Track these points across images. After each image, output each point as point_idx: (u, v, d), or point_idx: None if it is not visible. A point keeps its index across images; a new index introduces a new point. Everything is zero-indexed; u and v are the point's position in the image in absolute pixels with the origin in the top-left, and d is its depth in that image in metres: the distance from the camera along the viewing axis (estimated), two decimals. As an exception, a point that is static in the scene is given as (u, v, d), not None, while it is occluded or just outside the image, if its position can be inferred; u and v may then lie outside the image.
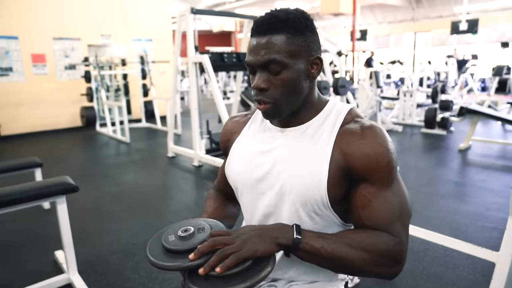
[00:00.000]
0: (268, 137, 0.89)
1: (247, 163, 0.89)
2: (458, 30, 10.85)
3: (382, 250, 0.74)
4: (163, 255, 0.74)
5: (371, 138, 0.77)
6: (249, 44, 0.80)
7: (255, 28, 0.79)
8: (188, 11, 4.13)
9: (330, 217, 0.83)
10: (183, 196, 3.52)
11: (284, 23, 0.77)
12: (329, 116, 0.85)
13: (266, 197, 0.86)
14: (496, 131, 6.30)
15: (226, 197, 1.06)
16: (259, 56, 0.77)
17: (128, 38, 7.79)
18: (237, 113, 1.05)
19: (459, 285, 2.00)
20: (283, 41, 0.76)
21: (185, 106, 9.93)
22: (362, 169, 0.77)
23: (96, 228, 2.80)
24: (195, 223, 0.81)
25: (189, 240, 0.75)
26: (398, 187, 0.80)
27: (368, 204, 0.77)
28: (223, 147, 1.02)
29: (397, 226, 0.77)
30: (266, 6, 14.44)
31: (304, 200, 0.80)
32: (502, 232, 2.58)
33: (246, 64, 0.80)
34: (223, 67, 4.68)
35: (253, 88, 0.80)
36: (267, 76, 0.78)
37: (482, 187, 3.53)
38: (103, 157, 5.19)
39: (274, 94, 0.79)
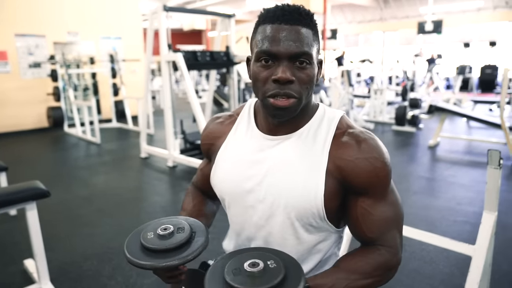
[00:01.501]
0: (257, 145, 0.83)
1: (235, 173, 0.84)
2: (424, 30, 11.26)
3: (384, 269, 0.78)
4: (140, 252, 0.72)
5: (368, 153, 0.76)
6: (270, 30, 0.72)
7: (281, 15, 0.72)
8: (161, 9, 4.03)
9: (326, 227, 0.82)
10: (158, 198, 3.44)
11: (310, 19, 0.74)
12: (321, 124, 0.81)
13: (256, 210, 0.82)
14: (461, 127, 6.56)
15: (204, 194, 1.03)
16: (291, 46, 0.70)
17: (96, 36, 7.53)
18: (220, 113, 0.98)
19: (436, 278, 2.05)
20: (311, 36, 0.73)
21: (157, 105, 9.73)
22: (361, 185, 0.76)
23: (67, 233, 2.68)
24: (176, 221, 0.78)
25: (168, 239, 0.73)
26: (393, 196, 0.81)
27: (368, 216, 0.78)
28: (204, 150, 0.96)
29: (394, 233, 0.80)
30: (236, 5, 14.38)
31: (299, 214, 0.78)
32: (474, 226, 2.70)
33: (266, 52, 0.71)
34: (196, 66, 4.61)
35: (277, 79, 0.71)
36: (293, 69, 0.72)
37: (452, 182, 3.66)
38: (72, 158, 4.99)
39: (298, 88, 0.73)
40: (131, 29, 8.04)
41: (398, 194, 0.82)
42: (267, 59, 0.72)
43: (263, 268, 0.66)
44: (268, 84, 0.73)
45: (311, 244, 0.84)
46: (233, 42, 4.75)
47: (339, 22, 16.73)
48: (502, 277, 2.06)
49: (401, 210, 0.82)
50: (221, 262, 0.71)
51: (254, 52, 0.75)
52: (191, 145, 4.71)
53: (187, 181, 3.86)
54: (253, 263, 0.67)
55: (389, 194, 0.80)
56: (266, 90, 0.73)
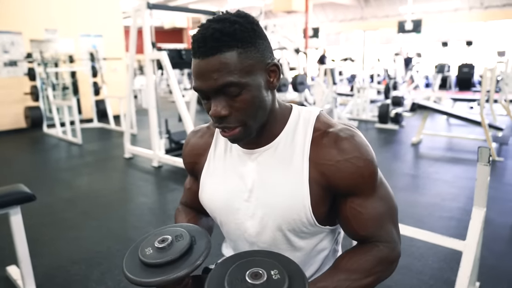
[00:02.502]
0: (238, 160, 0.81)
1: (223, 192, 0.83)
2: (404, 29, 11.47)
3: (385, 264, 0.77)
4: (141, 270, 0.68)
5: (349, 154, 0.73)
6: (193, 66, 0.68)
7: (198, 48, 0.66)
8: (144, 6, 3.96)
9: (319, 230, 0.81)
10: (145, 199, 3.38)
11: (232, 37, 0.65)
12: (297, 128, 0.78)
13: (247, 226, 0.81)
14: (442, 125, 6.71)
15: (197, 211, 0.99)
16: (211, 80, 0.66)
17: (76, 33, 7.34)
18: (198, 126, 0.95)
19: (426, 273, 2.09)
20: (235, 58, 0.66)
21: (138, 104, 9.57)
22: (347, 187, 0.75)
23: (52, 237, 2.60)
24: (172, 230, 0.75)
25: (168, 251, 0.69)
26: (383, 190, 0.79)
27: (358, 215, 0.76)
28: (189, 168, 0.94)
29: (388, 227, 0.79)
30: (218, 3, 14.30)
31: (291, 226, 0.77)
32: (459, 221, 2.76)
33: (196, 90, 0.69)
34: (181, 64, 4.55)
35: (211, 116, 0.70)
36: (225, 101, 0.68)
37: (436, 179, 3.74)
38: (53, 160, 4.85)
39: (239, 117, 0.70)
40: (112, 26, 7.88)
41: (388, 187, 0.81)
42: (201, 96, 0.70)
43: (266, 280, 0.63)
44: (212, 116, 0.71)
45: (309, 249, 0.83)
46: (218, 41, 4.70)
47: (320, 21, 16.86)
48: (489, 271, 2.11)
49: (394, 202, 0.81)
50: (219, 271, 0.67)
51: None
52: (176, 145, 4.65)
53: (173, 182, 3.81)
54: (256, 274, 0.63)
55: (378, 189, 0.78)
56: (215, 123, 0.72)
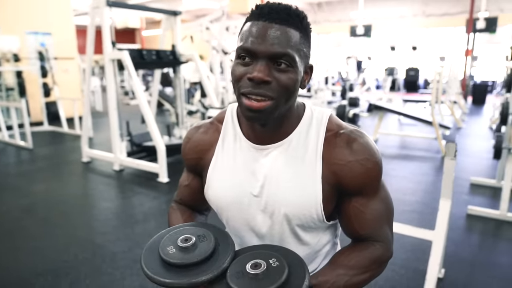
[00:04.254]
0: (249, 156, 0.81)
1: (232, 187, 0.82)
2: (356, 33, 11.97)
3: (379, 262, 0.81)
4: (164, 270, 0.66)
5: (360, 155, 0.76)
6: (251, 26, 0.68)
7: (268, 13, 0.68)
8: (103, 3, 3.80)
9: (323, 225, 0.84)
10: (109, 204, 3.24)
11: (300, 21, 0.69)
12: (310, 128, 0.79)
13: (257, 221, 0.81)
14: (394, 124, 7.09)
15: (193, 209, 0.98)
16: (272, 45, 0.66)
17: (20, 30, 6.86)
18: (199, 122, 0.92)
19: (397, 264, 2.20)
20: (297, 38, 0.68)
21: (92, 107, 9.13)
22: (355, 187, 0.78)
23: (8, 248, 2.41)
24: (193, 229, 0.73)
25: (194, 251, 0.68)
26: (384, 192, 0.82)
27: (360, 215, 0.79)
28: (190, 164, 0.91)
29: (385, 228, 0.82)
30: (172, 4, 14.01)
31: (300, 220, 0.79)
32: (420, 213, 2.94)
33: (246, 50, 0.68)
34: (142, 65, 4.44)
35: (252, 78, 0.67)
36: (270, 69, 0.67)
37: (395, 175, 3.95)
38: (1, 165, 4.50)
39: (276, 90, 0.68)
40: (63, 24, 7.46)
41: (387, 189, 0.84)
42: (244, 57, 0.69)
43: (266, 268, 0.64)
44: (243, 81, 0.69)
45: (313, 243, 0.85)
46: (179, 41, 4.64)
47: (275, 24, 17.12)
48: (450, 257, 2.27)
49: (391, 204, 0.84)
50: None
51: (236, 49, 0.72)
52: (139, 147, 4.51)
53: (137, 185, 3.69)
54: (255, 264, 0.65)
55: (381, 191, 0.81)
56: (240, 88, 0.69)
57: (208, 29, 5.62)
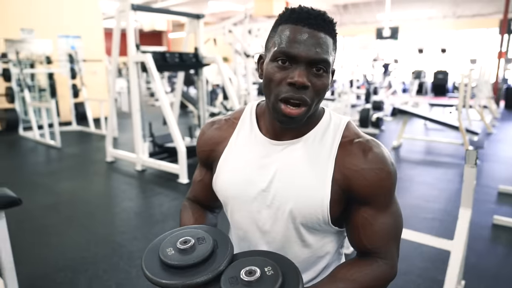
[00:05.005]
0: (262, 149, 0.81)
1: (240, 178, 0.82)
2: (382, 36, 11.76)
3: (381, 281, 0.78)
4: (162, 271, 0.67)
5: (374, 164, 0.75)
6: (288, 31, 0.70)
7: (306, 18, 0.70)
8: (129, 7, 3.91)
9: (329, 229, 0.82)
10: (131, 203, 3.32)
11: (332, 28, 0.72)
12: (327, 130, 0.80)
13: (262, 215, 0.81)
14: (420, 129, 6.91)
15: (204, 207, 0.99)
16: (312, 50, 0.68)
17: (53, 34, 7.15)
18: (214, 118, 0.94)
19: (413, 273, 2.14)
20: (332, 45, 0.71)
21: (118, 108, 9.40)
22: (364, 195, 0.76)
23: (34, 244, 2.52)
24: (193, 232, 0.74)
25: (192, 253, 0.69)
26: (395, 207, 0.81)
27: (368, 226, 0.78)
28: (203, 157, 0.92)
29: (392, 246, 0.79)
30: (198, 6, 14.25)
31: (305, 219, 0.78)
32: (442, 222, 2.85)
33: (286, 54, 0.69)
34: (165, 67, 4.52)
35: (293, 83, 0.69)
36: (308, 75, 0.70)
37: (418, 181, 3.84)
38: (31, 164, 4.70)
39: (313, 95, 0.71)
40: (92, 28, 7.72)
41: (399, 206, 0.82)
42: (284, 60, 0.70)
43: (260, 276, 0.64)
44: (282, 86, 0.70)
45: (317, 246, 0.84)
46: (202, 44, 4.70)
47: (300, 26, 17.05)
48: (472, 269, 2.18)
49: (401, 222, 0.82)
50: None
51: (272, 51, 0.72)
52: (160, 148, 4.60)
53: (158, 185, 3.76)
54: (250, 271, 0.65)
55: (392, 206, 0.79)
56: (279, 93, 0.70)
57: (231, 31, 5.66)
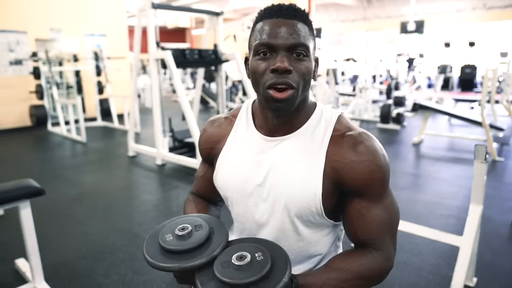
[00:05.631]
0: (258, 146, 0.85)
1: (238, 174, 0.86)
2: (407, 30, 11.46)
3: (376, 272, 0.80)
4: (161, 255, 0.72)
5: (364, 156, 0.77)
6: (266, 24, 0.76)
7: (279, 11, 0.76)
8: (149, 6, 4.01)
9: (324, 222, 0.85)
10: (150, 196, 3.43)
11: (306, 16, 0.78)
12: (319, 125, 0.83)
13: (258, 209, 0.85)
14: (443, 125, 6.74)
15: (207, 201, 1.03)
16: (289, 38, 0.73)
17: (80, 33, 7.41)
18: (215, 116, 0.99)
19: (424, 269, 2.13)
20: (307, 31, 0.77)
21: (141, 103, 9.64)
22: (356, 187, 0.79)
23: (58, 233, 2.65)
24: (191, 220, 0.79)
25: (188, 239, 0.73)
26: (389, 200, 0.82)
27: (362, 218, 0.80)
28: (204, 154, 0.97)
29: (387, 238, 0.81)
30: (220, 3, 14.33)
31: (299, 212, 0.81)
32: (458, 219, 2.80)
33: (266, 45, 0.74)
34: (184, 64, 4.60)
35: (275, 69, 0.73)
36: (290, 60, 0.74)
37: (437, 178, 3.78)
38: (58, 158, 4.91)
39: (297, 79, 0.74)
40: (116, 26, 7.94)
41: (395, 199, 0.84)
42: (265, 52, 0.75)
43: (250, 260, 0.68)
44: (266, 75, 0.74)
45: (312, 239, 0.86)
46: (221, 40, 4.76)
47: (323, 21, 16.88)
48: (486, 266, 2.15)
49: (397, 215, 0.83)
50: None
51: (253, 47, 0.77)
52: (180, 143, 4.70)
53: (177, 179, 3.86)
54: (241, 256, 0.69)
55: (385, 198, 0.81)
56: (266, 81, 0.74)
57: (250, 28, 5.70)
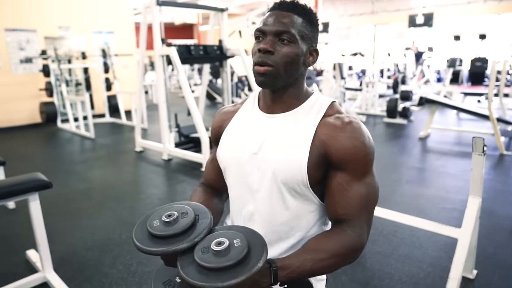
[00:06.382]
0: (258, 121, 0.95)
1: (237, 144, 0.95)
2: (415, 23, 11.34)
3: (349, 249, 0.85)
4: (148, 240, 0.77)
5: (350, 133, 0.85)
6: (267, 16, 0.88)
7: (279, 4, 0.88)
8: (154, 3, 4.05)
9: (309, 196, 0.90)
10: (155, 190, 3.49)
11: (304, 10, 0.88)
12: (313, 107, 0.92)
13: (252, 177, 0.92)
14: (451, 119, 6.69)
15: (213, 192, 1.08)
16: (277, 25, 0.85)
17: (88, 30, 7.50)
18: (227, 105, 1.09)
19: (425, 262, 2.15)
20: (299, 22, 0.86)
21: (149, 100, 9.73)
22: (339, 159, 0.85)
23: (67, 225, 2.73)
24: (179, 207, 0.83)
25: (174, 225, 0.77)
26: (371, 179, 0.88)
27: (343, 192, 0.86)
28: (214, 135, 1.06)
29: (363, 214, 0.87)
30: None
31: (286, 180, 0.87)
32: (461, 212, 2.79)
33: (260, 30, 0.87)
34: (190, 60, 4.65)
35: (258, 50, 0.86)
36: (274, 44, 0.85)
37: (442, 172, 3.77)
38: (67, 153, 5.01)
39: (277, 59, 0.85)
40: (123, 23, 8.01)
41: (377, 182, 0.90)
42: (259, 36, 0.88)
43: (227, 246, 0.72)
44: (255, 54, 0.87)
45: (297, 212, 0.91)
46: (226, 36, 4.79)
47: (330, 16, 16.77)
48: (487, 259, 2.16)
49: (376, 194, 0.89)
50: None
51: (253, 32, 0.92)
52: (186, 138, 4.76)
53: (182, 174, 3.92)
54: (219, 242, 0.73)
55: (367, 177, 0.87)
56: (254, 60, 0.87)
57: (254, 23, 5.71)
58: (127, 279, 2.02)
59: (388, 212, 2.11)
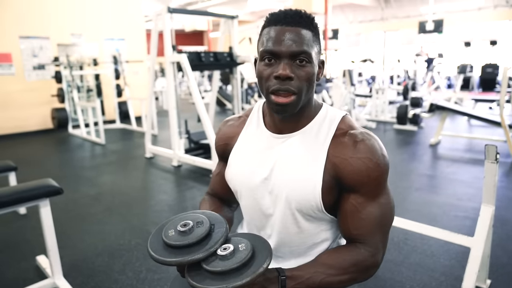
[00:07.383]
0: (266, 142, 0.91)
1: (246, 168, 0.92)
2: (425, 29, 11.30)
3: (361, 267, 0.83)
4: (163, 250, 0.76)
5: (362, 153, 0.81)
6: (271, 31, 0.79)
7: (284, 18, 0.79)
8: (165, 10, 4.10)
9: (324, 217, 0.88)
10: (165, 196, 3.50)
11: (311, 22, 0.80)
12: (323, 123, 0.87)
13: (264, 201, 0.90)
14: (462, 126, 6.61)
15: (221, 201, 1.08)
16: (291, 45, 0.77)
17: (100, 37, 7.61)
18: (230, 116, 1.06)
19: (437, 271, 2.11)
20: (310, 36, 0.79)
21: (159, 106, 9.81)
22: (353, 182, 0.82)
23: (77, 230, 2.75)
24: (194, 216, 0.82)
25: (189, 235, 0.77)
26: (385, 199, 0.85)
27: (356, 213, 0.83)
28: (219, 151, 1.03)
29: (377, 235, 0.84)
30: (238, 5, 14.44)
31: (300, 206, 0.85)
32: (474, 220, 2.75)
33: (269, 52, 0.78)
34: (200, 67, 4.67)
35: (278, 76, 0.77)
36: (292, 67, 0.78)
37: (453, 179, 3.72)
38: (78, 159, 5.07)
39: (298, 85, 0.78)
40: (134, 30, 8.11)
41: (392, 200, 0.86)
42: (270, 58, 0.79)
43: (232, 250, 0.73)
44: (270, 80, 0.79)
45: (313, 233, 0.90)
46: (236, 43, 4.81)
47: (340, 22, 16.78)
48: (501, 268, 2.12)
49: (391, 214, 0.86)
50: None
51: (259, 52, 0.82)
52: (196, 145, 4.77)
53: (192, 180, 3.93)
54: (225, 247, 0.74)
55: (381, 196, 0.83)
56: (269, 86, 0.79)
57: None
58: (136, 286, 2.02)
59: (399, 219, 2.08)
